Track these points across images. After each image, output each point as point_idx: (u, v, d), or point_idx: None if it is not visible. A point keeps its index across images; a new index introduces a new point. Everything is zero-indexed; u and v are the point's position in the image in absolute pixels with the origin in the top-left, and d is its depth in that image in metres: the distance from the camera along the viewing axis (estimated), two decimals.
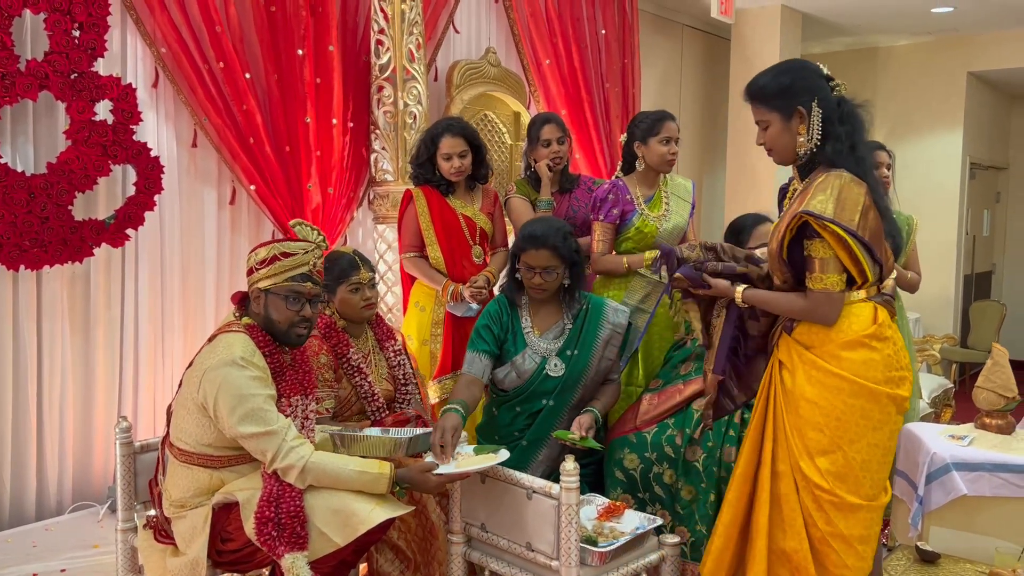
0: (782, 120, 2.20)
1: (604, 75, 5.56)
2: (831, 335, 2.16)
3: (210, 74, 3.65)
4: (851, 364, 2.14)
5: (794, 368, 2.20)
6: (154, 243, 3.68)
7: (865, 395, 2.14)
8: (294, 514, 2.15)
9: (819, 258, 2.13)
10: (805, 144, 2.19)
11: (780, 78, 2.22)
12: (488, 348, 2.85)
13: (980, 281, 8.23)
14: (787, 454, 2.21)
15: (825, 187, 2.12)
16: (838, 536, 2.15)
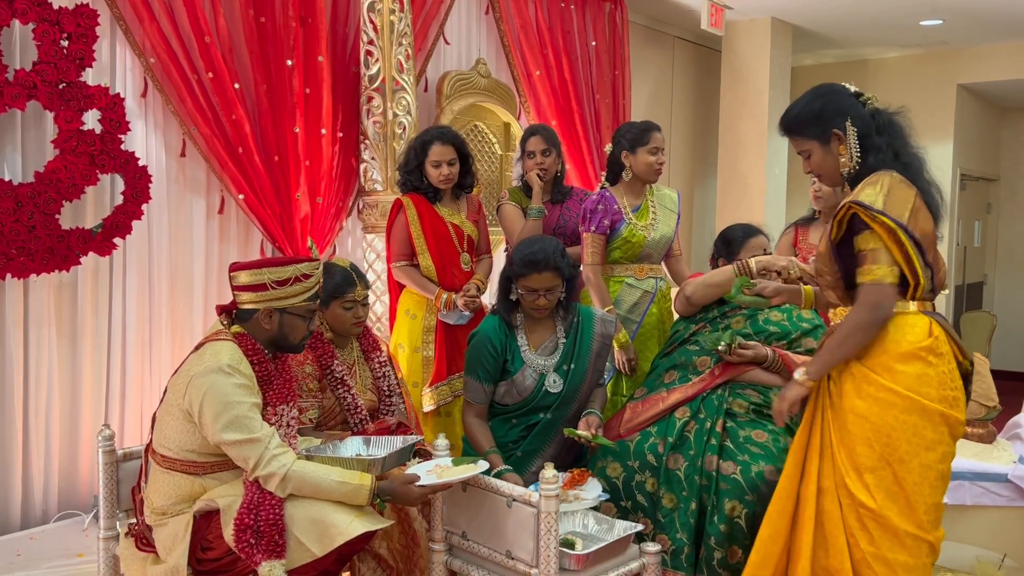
0: (821, 146, 2.25)
1: (594, 87, 5.60)
2: (886, 346, 2.11)
3: (199, 84, 3.67)
4: (905, 378, 2.07)
5: (844, 380, 2.16)
6: (142, 252, 3.69)
7: (918, 412, 2.06)
8: (273, 522, 2.16)
9: (868, 250, 2.10)
10: (848, 164, 2.22)
11: (810, 106, 2.27)
12: (490, 376, 2.88)
13: (971, 292, 8.26)
14: (832, 470, 2.16)
15: (875, 182, 2.13)
16: (880, 559, 2.07)
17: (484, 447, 2.79)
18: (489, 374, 2.87)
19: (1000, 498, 2.81)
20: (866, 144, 2.21)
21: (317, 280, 2.41)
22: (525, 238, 3.10)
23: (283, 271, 2.34)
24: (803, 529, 2.19)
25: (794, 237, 3.60)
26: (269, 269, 2.34)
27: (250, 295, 2.34)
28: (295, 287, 2.34)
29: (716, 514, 2.64)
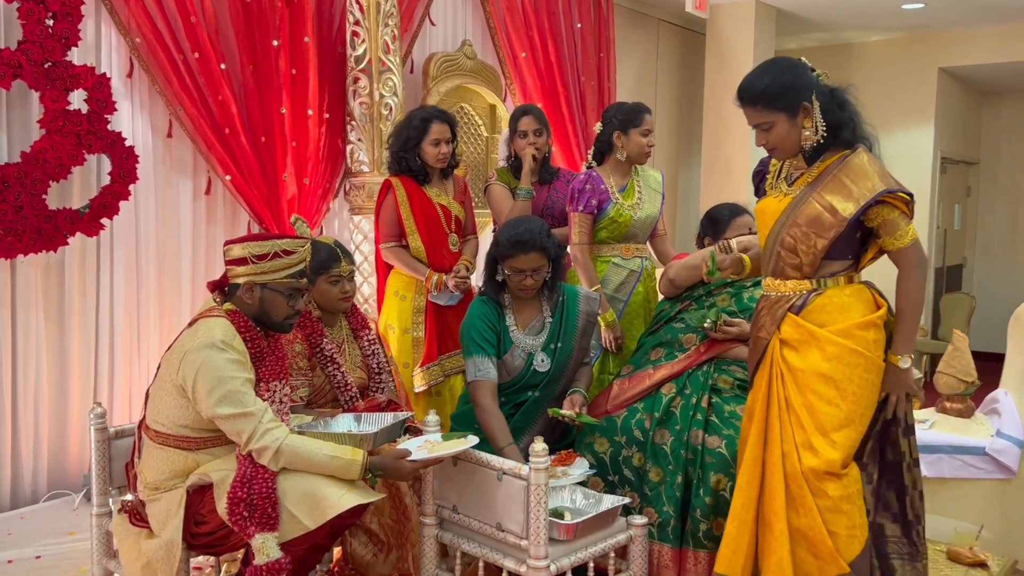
0: (788, 119, 2.26)
1: (580, 68, 5.62)
2: (847, 315, 2.25)
3: (185, 64, 3.66)
4: (865, 342, 2.23)
5: (805, 347, 2.25)
6: (129, 232, 3.69)
7: (875, 371, 2.25)
8: (266, 495, 2.19)
9: (892, 218, 2.21)
10: (811, 137, 2.25)
11: (781, 78, 2.26)
12: (493, 351, 2.87)
13: (951, 274, 8.36)
14: (792, 434, 2.26)
15: (867, 168, 2.23)
16: (846, 498, 2.21)
17: (500, 443, 2.72)
18: (492, 346, 2.87)
19: (978, 471, 2.87)
20: (831, 119, 2.25)
21: (301, 258, 2.40)
22: (511, 219, 3.12)
23: (263, 246, 2.35)
24: (774, 494, 2.26)
25: None
26: (251, 243, 2.36)
27: (237, 269, 2.37)
28: (275, 262, 2.35)
29: (702, 487, 2.69)
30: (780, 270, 2.35)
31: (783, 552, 2.22)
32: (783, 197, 2.36)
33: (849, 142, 2.28)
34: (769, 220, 2.37)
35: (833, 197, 2.23)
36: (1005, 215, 8.62)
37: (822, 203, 2.25)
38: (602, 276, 3.40)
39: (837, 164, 2.27)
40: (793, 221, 2.28)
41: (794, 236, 2.28)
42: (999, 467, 2.86)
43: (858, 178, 2.21)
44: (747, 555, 2.31)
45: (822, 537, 2.20)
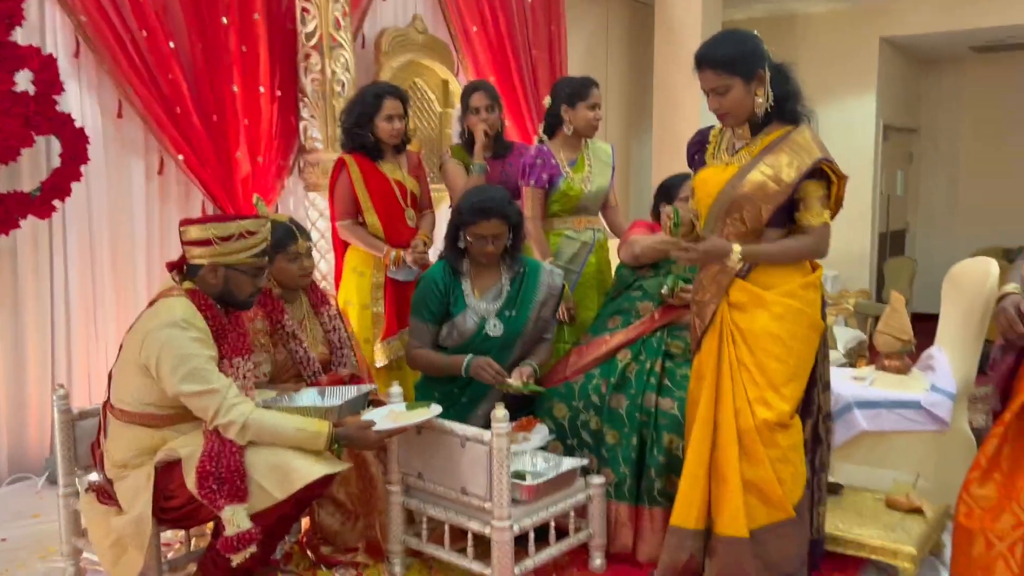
0: (744, 84, 2.37)
1: (531, 42, 5.65)
2: (790, 276, 2.41)
3: (133, 43, 3.62)
4: (807, 301, 2.40)
5: (754, 309, 2.39)
6: (82, 214, 3.66)
7: (816, 328, 2.43)
8: (234, 469, 2.24)
9: (819, 196, 2.38)
10: (763, 104, 2.37)
11: (742, 45, 2.39)
12: (433, 318, 2.99)
13: (894, 239, 8.62)
14: (743, 390, 2.39)
15: (809, 140, 2.38)
16: (793, 447, 2.38)
17: (440, 361, 2.94)
18: (433, 314, 2.98)
19: (914, 423, 3.03)
20: (778, 91, 2.39)
21: (263, 238, 2.45)
22: (473, 187, 3.18)
23: (227, 227, 2.38)
24: (728, 449, 2.39)
25: None
26: (214, 225, 2.39)
27: (198, 250, 2.39)
28: (239, 243, 2.39)
29: (656, 447, 2.81)
30: (724, 238, 2.44)
31: (738, 503, 2.35)
32: (726, 167, 2.46)
33: (792, 116, 2.42)
34: (712, 189, 2.46)
35: (779, 167, 2.35)
36: (945, 181, 8.89)
37: (767, 172, 2.36)
38: (555, 249, 3.48)
39: (783, 138, 2.39)
40: (739, 190, 2.39)
41: (740, 204, 2.39)
42: (933, 419, 3.02)
43: (801, 150, 2.36)
44: (700, 507, 2.44)
45: (773, 486, 2.34)
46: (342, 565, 2.77)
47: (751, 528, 2.35)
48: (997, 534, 2.12)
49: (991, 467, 2.18)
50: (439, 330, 3.01)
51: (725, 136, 2.54)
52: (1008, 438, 2.16)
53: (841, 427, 3.11)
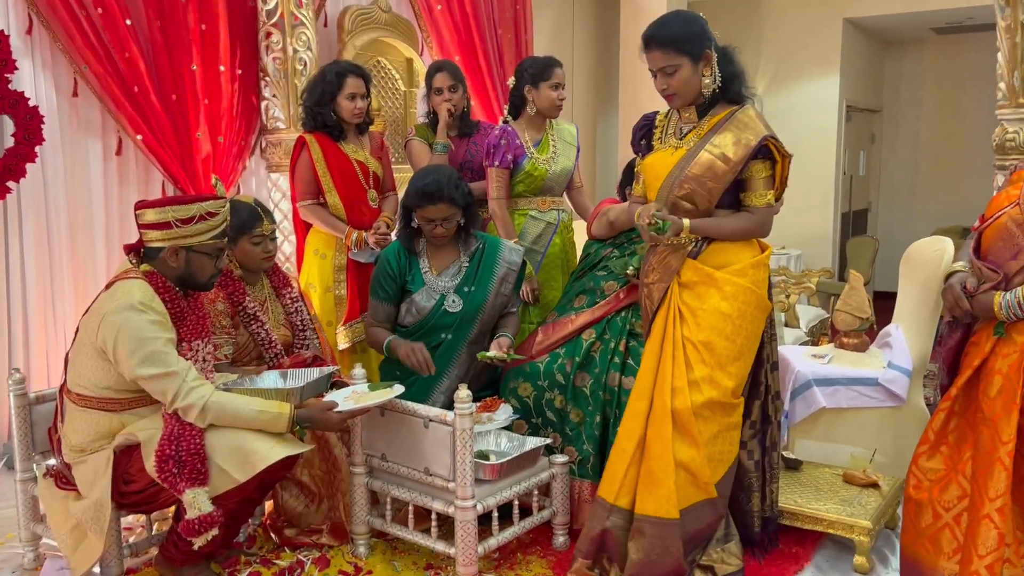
0: (692, 64, 2.39)
1: (496, 21, 5.61)
2: (740, 256, 2.44)
3: (88, 20, 3.55)
4: (756, 281, 2.44)
5: (705, 288, 2.42)
6: (38, 196, 3.59)
7: (763, 308, 2.47)
8: (194, 451, 2.23)
9: (763, 177, 2.42)
10: (710, 85, 2.40)
11: (690, 26, 2.42)
12: (389, 296, 3.01)
13: (856, 218, 8.73)
14: (685, 371, 2.39)
15: (755, 119, 2.41)
16: (732, 425, 2.42)
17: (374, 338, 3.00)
18: (388, 293, 3.00)
19: (871, 400, 3.09)
20: (726, 72, 2.43)
21: (223, 219, 2.43)
22: (419, 169, 3.17)
23: (187, 209, 2.35)
24: (661, 428, 2.39)
25: None
26: (173, 207, 2.36)
27: (156, 233, 2.36)
28: (200, 225, 2.36)
29: (619, 425, 2.83)
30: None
31: (670, 484, 2.35)
32: (674, 151, 2.48)
33: (738, 97, 2.46)
34: (661, 172, 2.48)
35: (726, 146, 2.39)
36: (907, 161, 9.02)
37: (715, 152, 2.39)
38: (520, 229, 3.48)
39: (728, 118, 2.42)
40: (689, 171, 2.41)
41: (690, 185, 2.42)
42: (890, 396, 3.08)
43: (746, 128, 2.39)
44: (622, 484, 2.43)
45: (703, 468, 2.37)
46: (306, 547, 2.77)
47: (680, 508, 2.37)
48: (944, 505, 2.18)
49: (939, 440, 2.23)
50: (396, 309, 3.01)
51: (672, 120, 2.56)
52: (955, 412, 2.21)
53: (800, 404, 3.17)
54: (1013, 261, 2.09)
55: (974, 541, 2.05)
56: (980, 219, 2.25)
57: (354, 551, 2.72)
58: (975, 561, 2.04)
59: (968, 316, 2.19)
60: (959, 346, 2.26)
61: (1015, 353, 2.07)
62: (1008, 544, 2.04)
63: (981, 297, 2.13)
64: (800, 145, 7.59)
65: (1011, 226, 2.12)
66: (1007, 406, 2.04)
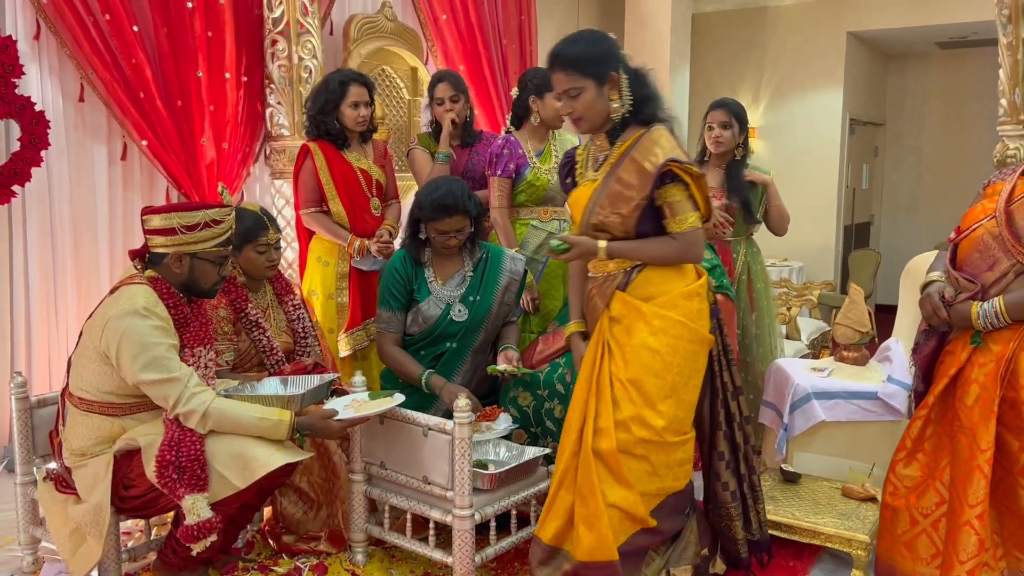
0: (597, 86, 2.26)
1: (501, 31, 5.64)
2: (671, 286, 2.29)
3: (96, 27, 3.57)
4: (688, 312, 2.28)
5: (633, 322, 2.27)
6: (43, 200, 3.61)
7: (698, 340, 2.30)
8: (194, 457, 2.24)
9: (677, 201, 2.25)
10: (619, 108, 2.27)
11: (595, 46, 2.29)
12: (399, 306, 3.00)
13: (859, 231, 8.74)
14: (612, 410, 2.24)
15: (658, 141, 2.26)
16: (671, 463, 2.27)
17: (415, 371, 2.92)
18: (400, 302, 2.99)
19: (870, 414, 3.09)
20: (637, 93, 2.29)
21: (228, 226, 2.45)
22: (431, 180, 3.18)
23: (192, 216, 2.37)
24: (588, 467, 2.24)
25: None
26: (179, 214, 2.37)
27: (161, 239, 2.37)
28: (205, 232, 2.38)
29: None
30: None
31: (602, 526, 2.19)
32: (592, 183, 2.37)
33: (650, 119, 2.31)
34: (581, 208, 2.38)
35: (630, 175, 2.26)
36: (909, 174, 9.03)
37: (621, 183, 2.27)
38: (521, 239, 3.49)
39: (636, 142, 2.29)
40: (600, 204, 2.30)
41: (604, 218, 2.30)
42: (890, 410, 3.07)
43: (648, 153, 2.25)
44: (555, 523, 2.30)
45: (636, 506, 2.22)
46: (304, 554, 2.78)
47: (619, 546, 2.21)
48: (921, 511, 2.20)
49: (915, 448, 2.25)
50: (406, 318, 3.02)
51: (590, 151, 2.45)
52: (931, 420, 2.23)
53: (800, 417, 3.17)
54: (989, 272, 2.13)
55: (955, 547, 2.06)
56: (956, 231, 2.29)
57: (352, 558, 2.73)
58: (956, 567, 2.06)
59: (945, 325, 2.22)
60: (934, 354, 2.29)
61: (991, 362, 2.10)
62: (987, 548, 2.06)
63: (959, 307, 2.16)
64: (803, 158, 7.66)
65: (987, 238, 2.15)
66: (985, 414, 2.07)
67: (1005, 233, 2.11)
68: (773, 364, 3.49)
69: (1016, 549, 2.07)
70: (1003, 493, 2.08)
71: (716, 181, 3.69)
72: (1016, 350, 2.07)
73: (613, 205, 2.28)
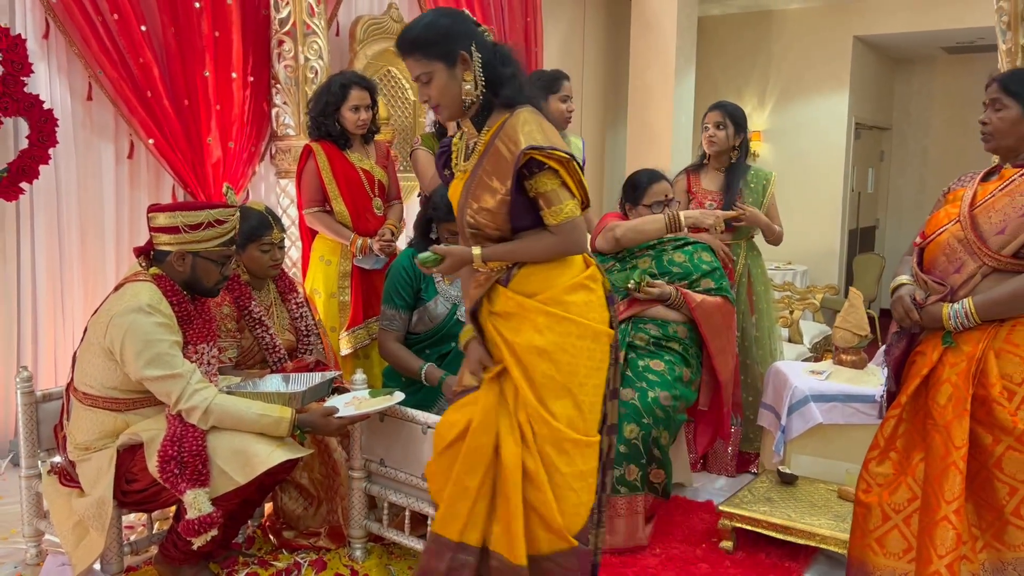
0: (447, 68, 2.07)
1: (507, 34, 5.67)
2: (554, 280, 2.10)
3: (104, 26, 3.61)
4: (576, 306, 2.10)
5: (518, 320, 2.10)
6: (50, 197, 3.65)
7: (590, 336, 2.10)
8: (196, 453, 2.27)
9: (550, 191, 2.04)
10: (472, 92, 2.08)
11: (437, 24, 2.09)
12: (406, 304, 3.02)
13: (864, 235, 8.74)
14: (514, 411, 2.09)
15: (520, 126, 2.03)
16: (578, 475, 2.08)
17: (415, 365, 2.94)
18: (405, 301, 3.01)
19: (868, 417, 3.10)
20: (494, 75, 2.09)
21: (232, 227, 2.47)
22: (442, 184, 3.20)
23: (196, 216, 2.40)
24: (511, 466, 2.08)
25: (686, 183, 3.79)
26: (183, 213, 2.40)
27: (165, 237, 2.40)
28: (208, 232, 2.41)
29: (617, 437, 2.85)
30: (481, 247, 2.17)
31: (518, 527, 2.06)
32: (462, 176, 2.18)
33: (511, 102, 2.10)
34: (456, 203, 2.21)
35: (494, 166, 2.06)
36: (914, 178, 9.03)
37: (487, 175, 2.07)
38: None
39: (500, 128, 2.07)
40: (470, 198, 2.12)
41: (475, 213, 2.11)
42: None
43: (509, 140, 2.03)
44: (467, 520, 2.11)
45: (551, 512, 2.06)
46: (304, 549, 2.81)
47: (531, 554, 2.07)
48: (894, 507, 2.22)
49: (888, 446, 2.28)
50: (410, 317, 3.04)
51: (463, 140, 2.22)
52: (903, 419, 2.26)
53: (797, 419, 3.19)
54: (956, 274, 2.17)
55: (932, 543, 2.10)
56: (921, 235, 2.32)
57: (351, 554, 2.75)
58: (935, 561, 2.08)
59: (917, 327, 2.25)
60: (904, 355, 2.32)
61: (963, 362, 2.13)
62: (965, 542, 2.10)
63: (930, 309, 2.19)
64: (809, 162, 7.67)
65: (953, 242, 2.19)
66: (958, 412, 2.11)
67: (970, 236, 2.15)
68: (772, 366, 3.51)
69: (995, 540, 2.10)
70: (979, 486, 2.12)
71: (716, 184, 3.71)
72: (985, 350, 2.11)
73: (481, 199, 2.08)
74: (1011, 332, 2.10)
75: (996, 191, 2.17)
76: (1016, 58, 4.05)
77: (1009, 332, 2.11)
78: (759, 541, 2.88)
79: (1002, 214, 2.12)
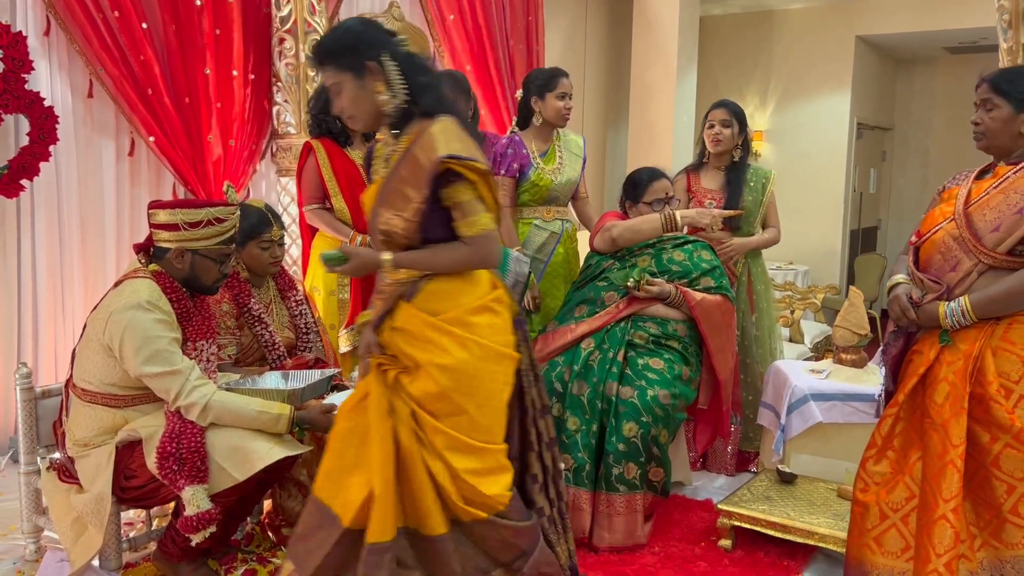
0: (355, 79, 2.05)
1: (509, 32, 5.67)
2: (459, 301, 2.07)
3: (105, 23, 3.61)
4: (480, 329, 2.05)
5: (421, 339, 2.04)
6: (51, 194, 3.65)
7: (493, 358, 2.06)
8: (195, 449, 2.27)
9: (465, 201, 2.02)
10: (389, 101, 2.06)
11: (345, 35, 2.08)
12: None
13: (866, 235, 8.74)
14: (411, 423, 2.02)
15: (438, 135, 2.01)
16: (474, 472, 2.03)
17: None
18: None
19: (868, 416, 3.09)
20: (413, 84, 2.07)
21: (232, 225, 2.47)
22: None
23: (196, 213, 2.40)
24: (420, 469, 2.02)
25: (687, 183, 3.78)
26: (183, 210, 2.40)
27: (165, 234, 2.41)
28: (207, 230, 2.41)
29: (615, 435, 2.86)
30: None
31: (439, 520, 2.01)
32: (378, 182, 2.14)
33: (431, 111, 2.07)
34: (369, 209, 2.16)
35: (409, 172, 2.03)
36: (916, 178, 9.02)
37: (401, 182, 2.04)
38: (524, 238, 3.52)
39: (416, 139, 2.04)
40: (383, 205, 2.07)
41: (386, 222, 2.06)
42: None
43: (427, 149, 2.00)
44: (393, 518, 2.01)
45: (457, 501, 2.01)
46: None
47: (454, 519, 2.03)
48: (891, 506, 2.23)
49: (885, 445, 2.28)
50: None
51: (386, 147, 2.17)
52: (900, 417, 2.26)
53: (797, 418, 3.18)
54: (952, 273, 2.18)
55: (930, 541, 2.10)
56: (916, 234, 2.33)
57: None
58: (933, 560, 2.09)
59: (914, 325, 2.26)
60: (902, 354, 2.32)
61: (960, 360, 2.14)
62: (963, 540, 2.10)
63: (927, 307, 2.20)
64: (810, 162, 7.67)
65: (948, 240, 2.20)
66: (956, 410, 2.11)
67: (966, 234, 2.16)
68: (772, 366, 3.51)
69: (993, 538, 2.11)
70: (978, 485, 2.12)
71: (716, 183, 3.71)
72: (982, 348, 2.12)
73: (394, 207, 2.04)
74: (1008, 330, 2.11)
75: (990, 189, 2.17)
76: (1017, 56, 4.04)
77: (1006, 330, 2.11)
78: (758, 540, 2.88)
79: (996, 211, 2.12)
